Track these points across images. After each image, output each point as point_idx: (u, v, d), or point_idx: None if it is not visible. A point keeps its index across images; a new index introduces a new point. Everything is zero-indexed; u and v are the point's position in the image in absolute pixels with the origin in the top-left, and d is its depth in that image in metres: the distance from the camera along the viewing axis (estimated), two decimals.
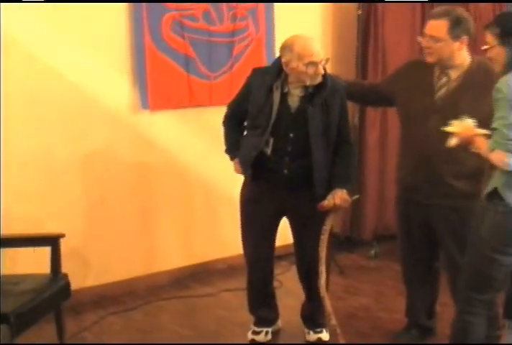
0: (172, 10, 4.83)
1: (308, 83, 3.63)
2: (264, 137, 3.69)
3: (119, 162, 4.81)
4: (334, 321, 3.77)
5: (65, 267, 3.90)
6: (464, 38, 3.51)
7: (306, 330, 4.15)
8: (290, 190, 3.78)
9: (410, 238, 3.86)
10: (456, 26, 3.47)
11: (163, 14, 4.80)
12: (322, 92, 3.68)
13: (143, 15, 4.71)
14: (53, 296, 3.69)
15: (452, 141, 3.14)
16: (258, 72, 3.84)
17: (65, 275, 3.84)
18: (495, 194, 2.96)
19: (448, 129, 3.17)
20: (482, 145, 2.95)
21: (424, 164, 3.62)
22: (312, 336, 4.10)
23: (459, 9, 3.60)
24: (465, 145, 3.09)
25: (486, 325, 3.21)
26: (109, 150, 4.76)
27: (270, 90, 3.69)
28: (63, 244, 3.88)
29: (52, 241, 3.82)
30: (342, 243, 5.86)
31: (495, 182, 2.96)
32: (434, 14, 3.58)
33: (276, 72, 3.69)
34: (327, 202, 3.68)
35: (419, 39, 3.56)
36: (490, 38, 3.03)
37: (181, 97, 4.98)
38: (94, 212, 4.73)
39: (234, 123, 3.97)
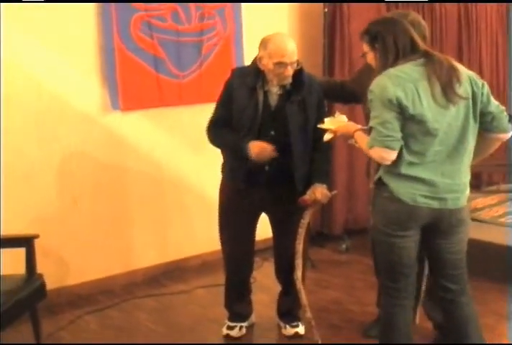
0: (141, 10, 4.86)
1: (275, 82, 3.69)
2: (249, 137, 3.72)
3: (92, 162, 4.85)
4: (309, 314, 3.86)
5: (41, 268, 3.93)
6: None
7: (282, 324, 4.21)
8: (271, 186, 3.84)
9: None
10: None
11: (132, 15, 4.84)
12: (299, 90, 3.74)
13: (112, 16, 4.74)
14: (29, 296, 3.72)
15: (326, 137, 3.43)
16: (237, 74, 3.86)
17: (40, 275, 3.86)
18: (380, 182, 3.14)
19: (322, 125, 3.45)
20: (361, 140, 3.16)
21: None
22: (289, 331, 4.16)
23: (413, 14, 3.72)
24: (344, 139, 3.40)
25: (409, 314, 3.34)
26: (82, 150, 4.79)
27: (253, 91, 3.73)
28: (38, 244, 3.90)
29: (26, 242, 3.84)
30: (314, 238, 5.90)
31: (380, 171, 3.15)
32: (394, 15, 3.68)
33: (255, 72, 3.73)
34: (308, 196, 3.76)
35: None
36: (364, 45, 3.22)
37: (151, 97, 5.02)
38: (68, 212, 4.77)
39: (220, 126, 3.87)
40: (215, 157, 4.14)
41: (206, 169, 5.33)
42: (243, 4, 5.42)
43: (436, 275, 3.37)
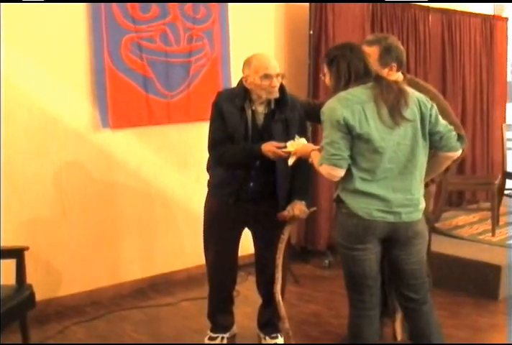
0: (131, 32, 5.01)
1: (264, 96, 3.83)
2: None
3: (82, 176, 4.97)
4: (287, 325, 3.97)
5: (30, 279, 4.03)
6: (394, 65, 3.80)
7: (262, 335, 4.32)
8: (254, 202, 3.98)
9: None
10: (386, 55, 3.76)
11: (122, 36, 4.98)
12: (283, 109, 3.90)
13: (103, 36, 4.87)
14: (18, 306, 3.83)
15: (291, 161, 3.67)
16: (224, 96, 3.98)
17: (30, 286, 3.96)
18: (339, 199, 3.33)
19: (285, 149, 3.67)
20: (315, 158, 3.36)
21: None
22: (268, 341, 4.27)
23: (391, 38, 3.90)
24: (304, 160, 3.58)
25: (376, 324, 3.47)
26: (72, 165, 4.91)
27: (242, 111, 3.88)
28: (28, 256, 4.01)
29: (17, 254, 3.95)
30: (298, 253, 6.07)
31: (338, 189, 3.34)
32: (368, 41, 3.85)
33: (243, 93, 3.88)
34: (287, 212, 3.91)
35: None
36: (324, 67, 3.42)
37: (140, 115, 5.16)
38: (58, 224, 4.88)
39: (223, 144, 3.91)
40: (201, 173, 4.30)
41: (192, 185, 5.47)
42: (231, 26, 5.58)
43: (397, 285, 3.51)
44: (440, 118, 3.32)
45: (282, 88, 3.89)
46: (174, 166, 5.48)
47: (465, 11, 7.48)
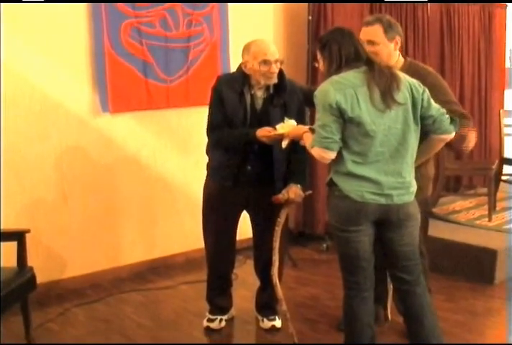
0: (131, 17, 5.03)
1: (262, 82, 3.88)
2: None
3: (82, 160, 5.01)
4: (284, 307, 4.03)
5: (31, 262, 4.09)
6: (398, 38, 3.87)
7: (260, 317, 4.38)
8: (252, 185, 4.03)
9: None
10: (390, 29, 3.83)
11: (122, 21, 5.00)
12: (281, 93, 3.95)
13: (103, 22, 4.90)
14: (19, 288, 3.90)
15: (284, 143, 3.72)
16: (223, 80, 4.04)
17: (31, 268, 4.03)
18: (331, 182, 3.37)
19: (275, 132, 3.72)
20: (307, 141, 3.41)
21: None
22: (266, 324, 4.34)
23: (387, 16, 3.99)
24: (297, 141, 3.63)
25: (370, 305, 3.52)
26: (73, 150, 4.95)
27: (241, 95, 3.93)
28: (29, 239, 4.07)
29: (18, 236, 4.01)
30: (296, 238, 6.12)
31: (330, 172, 3.39)
32: (367, 21, 3.90)
33: (242, 77, 3.93)
34: (281, 196, 3.96)
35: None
36: (318, 54, 3.46)
37: (140, 100, 5.19)
38: (59, 208, 4.93)
39: (220, 128, 3.98)
40: (200, 157, 4.34)
41: (191, 168, 5.51)
42: (230, 11, 5.59)
43: (390, 267, 3.56)
44: (432, 102, 3.35)
45: (281, 73, 3.93)
46: (174, 150, 5.51)
47: None
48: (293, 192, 3.97)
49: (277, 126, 3.75)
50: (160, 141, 5.45)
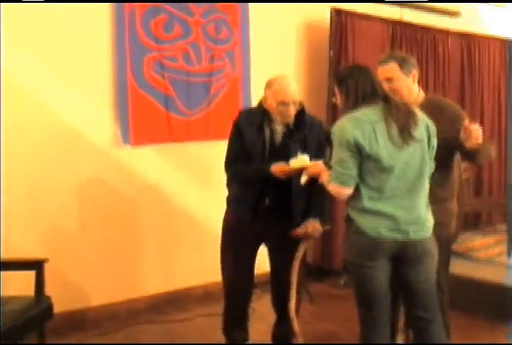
0: (154, 51, 5.12)
1: (279, 120, 3.92)
2: None
3: (102, 190, 5.06)
4: (301, 341, 4.04)
5: (49, 291, 4.11)
6: (415, 72, 3.89)
7: None
8: (270, 219, 4.02)
9: None
10: (405, 64, 3.84)
11: (145, 54, 5.09)
12: (301, 128, 3.97)
13: (126, 55, 4.99)
14: (36, 317, 3.89)
15: (303, 179, 3.71)
16: (244, 114, 4.08)
17: (48, 297, 4.04)
18: (348, 218, 3.39)
19: (289, 167, 3.74)
20: (324, 177, 3.43)
21: None
22: None
23: (400, 52, 4.04)
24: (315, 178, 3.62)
25: (385, 341, 3.48)
26: (93, 181, 5.00)
27: (261, 129, 3.95)
28: (48, 268, 4.09)
29: (36, 266, 4.03)
30: (313, 273, 6.09)
31: (348, 208, 3.40)
32: (381, 61, 3.92)
33: (262, 112, 3.96)
34: (300, 230, 3.95)
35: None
36: (335, 89, 3.47)
37: (161, 133, 5.25)
38: (77, 238, 4.95)
39: (238, 162, 4.03)
40: (220, 190, 4.35)
41: (211, 202, 5.52)
42: (252, 47, 5.68)
43: (407, 304, 3.54)
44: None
45: (301, 108, 3.96)
46: (194, 183, 5.56)
47: (484, 34, 7.53)
48: (312, 226, 3.98)
49: (291, 161, 3.76)
50: (180, 173, 5.48)
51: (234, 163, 4.05)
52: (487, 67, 7.48)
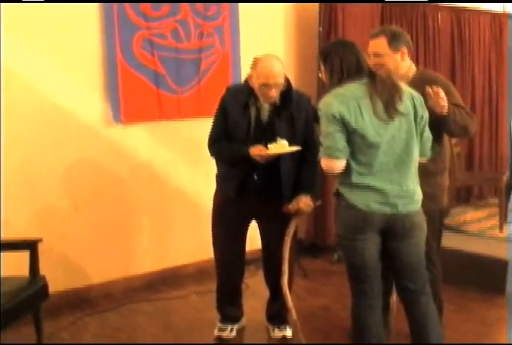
0: (143, 28, 5.08)
1: (261, 100, 3.90)
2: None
3: (94, 170, 5.05)
4: (294, 316, 4.06)
5: (43, 270, 4.12)
6: (404, 49, 3.87)
7: (271, 327, 4.39)
8: (260, 195, 4.02)
9: None
10: (394, 40, 3.82)
11: (134, 32, 5.05)
12: (288, 105, 3.95)
13: (115, 33, 4.95)
14: (32, 297, 3.91)
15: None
16: (230, 91, 4.06)
17: (43, 277, 4.05)
18: (338, 193, 3.40)
19: (268, 152, 3.76)
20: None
21: None
22: (277, 333, 4.35)
23: (393, 26, 4.06)
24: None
25: (378, 314, 3.52)
26: (84, 159, 4.99)
27: (246, 107, 3.93)
28: (41, 248, 4.10)
29: (30, 246, 4.04)
30: (307, 249, 6.13)
31: (336, 183, 3.42)
32: (372, 34, 3.91)
33: (248, 89, 3.93)
34: (291, 206, 3.97)
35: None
36: (321, 66, 3.48)
37: (151, 111, 5.23)
38: (70, 218, 4.96)
39: (220, 140, 4.04)
40: (210, 167, 4.35)
41: (202, 179, 5.52)
42: (241, 22, 5.64)
43: (396, 276, 3.56)
44: (427, 125, 3.40)
45: (288, 86, 3.94)
46: (185, 160, 5.55)
47: (475, 8, 7.49)
48: (303, 202, 3.98)
49: (269, 146, 3.77)
50: (171, 151, 5.48)
51: (216, 142, 4.05)
52: (477, 41, 7.45)
